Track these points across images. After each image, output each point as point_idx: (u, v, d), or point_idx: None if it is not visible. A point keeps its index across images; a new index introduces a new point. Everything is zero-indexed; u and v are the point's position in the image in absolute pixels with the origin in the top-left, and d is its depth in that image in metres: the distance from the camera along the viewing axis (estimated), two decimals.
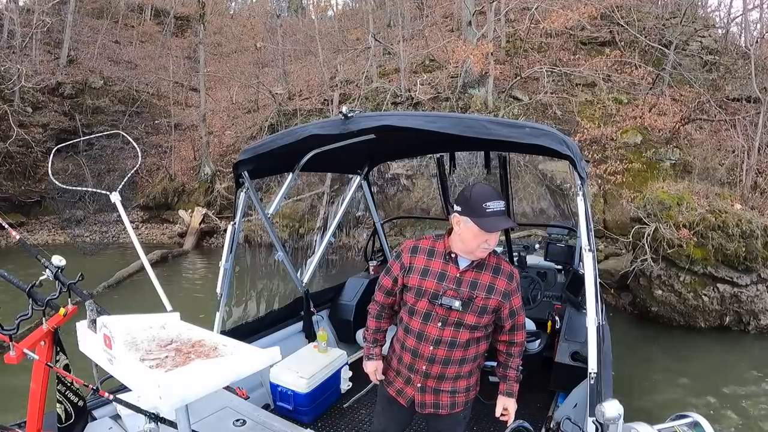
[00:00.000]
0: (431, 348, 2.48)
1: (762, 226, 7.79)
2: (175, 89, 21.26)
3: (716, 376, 6.85)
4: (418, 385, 2.57)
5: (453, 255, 2.49)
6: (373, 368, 2.79)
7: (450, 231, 2.52)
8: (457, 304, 2.42)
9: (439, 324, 2.47)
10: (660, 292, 8.23)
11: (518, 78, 14.86)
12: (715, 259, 7.86)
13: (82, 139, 14.73)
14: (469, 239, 2.38)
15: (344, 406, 4.23)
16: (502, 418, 2.66)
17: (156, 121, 20.12)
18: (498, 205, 2.33)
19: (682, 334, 8.09)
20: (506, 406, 2.66)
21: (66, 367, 2.32)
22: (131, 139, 2.36)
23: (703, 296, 7.93)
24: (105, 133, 8.30)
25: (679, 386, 6.53)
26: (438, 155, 5.53)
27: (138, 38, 26.07)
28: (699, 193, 8.63)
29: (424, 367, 2.53)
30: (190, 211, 16.45)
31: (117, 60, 22.56)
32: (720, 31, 17.94)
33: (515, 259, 5.64)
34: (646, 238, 8.13)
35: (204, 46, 19.29)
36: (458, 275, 2.47)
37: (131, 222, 10.54)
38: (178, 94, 21.52)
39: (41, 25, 18.57)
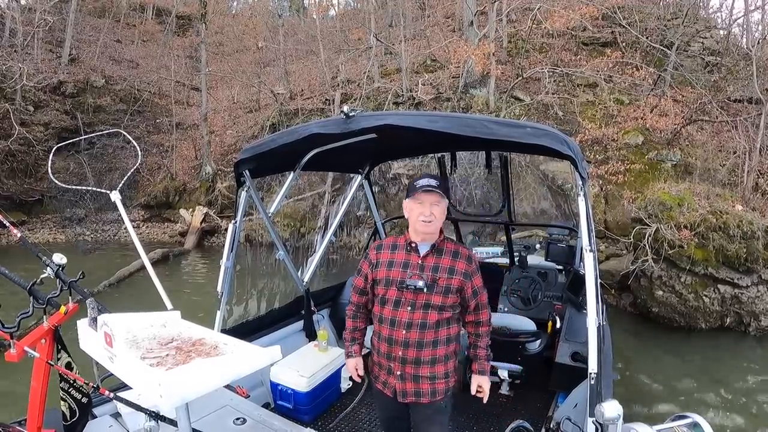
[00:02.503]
0: (404, 332, 2.62)
1: (763, 228, 7.78)
2: (176, 88, 21.26)
3: (717, 377, 6.86)
4: (398, 372, 2.68)
5: (413, 244, 2.73)
6: (353, 365, 2.92)
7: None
8: (421, 283, 2.59)
9: (409, 308, 2.63)
10: (661, 292, 8.22)
11: (520, 78, 14.86)
12: (716, 260, 7.86)
13: (83, 137, 14.73)
14: (411, 218, 2.71)
15: (344, 405, 4.23)
16: (477, 395, 2.79)
17: (157, 120, 20.14)
18: (427, 181, 2.63)
19: (682, 335, 8.09)
20: (480, 384, 2.79)
21: (68, 365, 2.32)
22: (131, 138, 2.37)
23: (703, 297, 7.92)
24: (105, 131, 8.29)
25: (679, 387, 6.53)
26: (439, 155, 5.53)
27: (139, 37, 26.10)
28: (700, 194, 8.63)
29: (400, 353, 2.64)
30: (191, 210, 16.45)
31: (118, 59, 22.57)
32: (722, 32, 17.93)
33: (516, 259, 5.65)
34: (647, 239, 8.12)
35: (205, 46, 19.30)
36: (420, 261, 2.68)
37: (132, 221, 10.53)
38: (179, 94, 21.53)
39: (43, 23, 18.60)
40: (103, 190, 2.27)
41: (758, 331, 7.98)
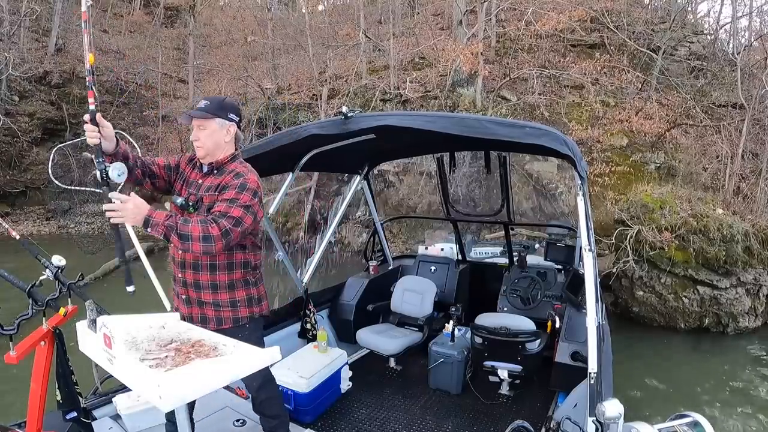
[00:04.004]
0: (181, 252, 2.58)
1: (742, 231, 7.95)
2: (163, 80, 21.07)
3: (695, 376, 7.00)
4: (183, 297, 2.67)
5: (198, 162, 2.77)
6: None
7: None
8: (179, 200, 2.59)
9: None
10: (641, 293, 8.37)
11: (507, 78, 14.93)
12: (695, 262, 8.02)
13: (85, 138, 14.56)
14: None
15: (344, 405, 4.24)
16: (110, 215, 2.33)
17: (144, 113, 19.94)
18: (197, 104, 2.66)
19: (662, 334, 8.24)
20: (131, 200, 2.33)
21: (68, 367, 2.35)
22: (131, 140, 2.40)
23: (683, 298, 8.08)
24: None
25: (659, 386, 6.65)
26: (438, 155, 5.56)
27: (127, 28, 25.78)
28: (682, 197, 8.77)
29: (180, 275, 2.64)
30: None
31: (105, 49, 22.27)
32: (708, 37, 18.11)
33: (515, 258, 5.71)
34: (629, 240, 8.25)
35: (194, 38, 19.14)
36: (199, 180, 2.71)
37: None
38: (166, 86, 21.32)
39: (30, 12, 18.32)
40: (100, 191, 2.29)
41: (736, 331, 8.15)
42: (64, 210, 16.85)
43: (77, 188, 16.43)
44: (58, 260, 2.32)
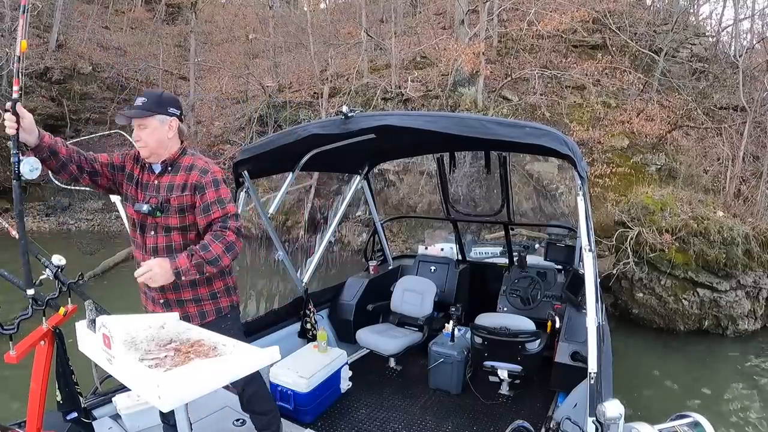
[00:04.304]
0: (152, 258, 2.51)
1: (743, 234, 7.94)
2: (164, 77, 21.06)
3: (695, 377, 7.00)
4: (161, 301, 2.62)
5: (146, 164, 2.65)
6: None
7: None
8: (146, 208, 2.51)
9: (152, 232, 2.54)
10: (641, 294, 8.37)
11: (509, 78, 14.92)
12: (696, 265, 8.01)
13: (86, 138, 14.54)
14: None
15: (344, 405, 4.24)
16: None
17: None
18: (134, 102, 2.55)
19: (661, 336, 8.24)
20: (154, 265, 2.38)
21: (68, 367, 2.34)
22: (130, 138, 2.39)
23: (683, 300, 8.07)
24: (105, 132, 8.23)
25: (659, 387, 6.65)
26: (438, 155, 5.56)
27: (128, 24, 25.75)
28: (683, 199, 8.75)
29: None
30: None
31: (106, 46, 22.27)
32: (710, 39, 18.10)
33: (515, 259, 5.71)
34: (629, 242, 8.25)
35: (195, 35, 19.12)
36: (156, 181, 2.60)
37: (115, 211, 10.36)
38: (167, 83, 21.29)
39: (31, 8, 18.23)
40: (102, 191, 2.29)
41: (735, 334, 8.14)
42: (64, 207, 16.83)
43: (75, 187, 16.37)
44: (58, 259, 2.31)
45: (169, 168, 2.60)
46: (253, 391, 2.89)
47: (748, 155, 11.23)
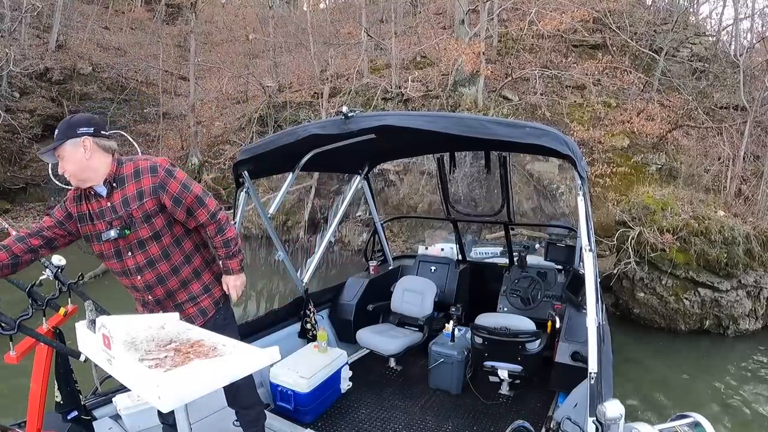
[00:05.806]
0: (140, 278, 2.54)
1: (743, 234, 7.93)
2: (164, 77, 21.05)
3: (696, 377, 6.98)
4: (161, 312, 2.59)
5: (91, 191, 2.53)
6: None
7: None
8: (113, 233, 2.47)
9: (129, 254, 2.52)
10: (642, 294, 8.36)
11: (509, 78, 14.91)
12: (697, 264, 8.00)
13: None
14: None
15: (344, 405, 4.24)
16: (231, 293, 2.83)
17: (144, 110, 19.93)
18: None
19: (662, 336, 8.23)
20: (226, 282, 2.80)
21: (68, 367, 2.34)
22: (132, 141, 2.38)
23: (684, 300, 8.06)
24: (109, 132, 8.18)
25: (659, 387, 6.63)
26: (438, 155, 5.54)
27: (128, 25, 25.79)
28: (683, 198, 8.74)
29: (149, 296, 2.60)
30: None
31: (106, 46, 22.30)
32: (711, 39, 18.08)
33: (515, 258, 5.70)
34: (630, 242, 8.24)
35: (195, 35, 19.12)
36: (109, 204, 2.51)
37: None
38: (167, 83, 21.31)
39: (31, 8, 18.31)
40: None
41: (736, 333, 8.12)
42: None
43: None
44: (58, 260, 2.31)
45: (114, 184, 2.51)
46: (240, 383, 2.89)
47: (749, 155, 11.21)
